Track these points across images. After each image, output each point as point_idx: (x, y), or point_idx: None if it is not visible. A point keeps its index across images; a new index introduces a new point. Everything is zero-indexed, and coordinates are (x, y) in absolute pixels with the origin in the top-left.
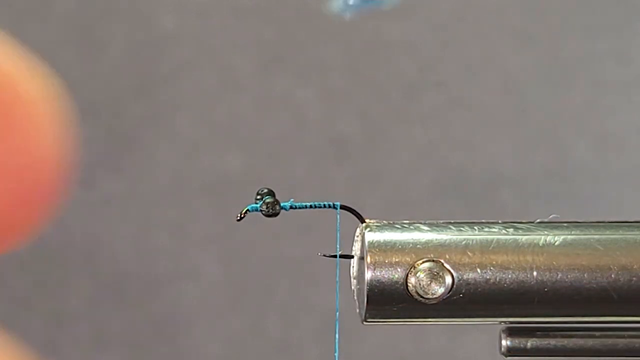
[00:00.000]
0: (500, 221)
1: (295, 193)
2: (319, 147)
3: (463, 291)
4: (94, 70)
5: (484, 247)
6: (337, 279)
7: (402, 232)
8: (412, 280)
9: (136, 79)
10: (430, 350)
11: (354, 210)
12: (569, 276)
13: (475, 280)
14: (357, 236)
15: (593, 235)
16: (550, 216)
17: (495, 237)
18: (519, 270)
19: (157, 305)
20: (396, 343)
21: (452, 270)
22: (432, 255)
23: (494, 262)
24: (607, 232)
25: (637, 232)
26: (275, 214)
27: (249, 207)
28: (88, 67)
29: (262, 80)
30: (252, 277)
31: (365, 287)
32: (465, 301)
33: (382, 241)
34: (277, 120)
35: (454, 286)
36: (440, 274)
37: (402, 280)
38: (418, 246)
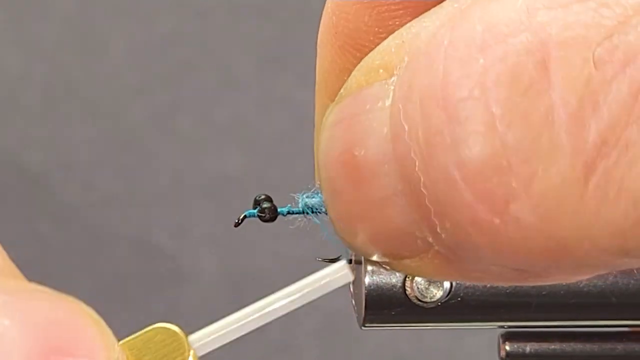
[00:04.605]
0: None
1: (295, 194)
2: None
3: (461, 295)
4: (94, 70)
5: None
6: None
7: None
8: (410, 284)
9: (136, 79)
10: (430, 350)
11: None
12: None
13: (473, 284)
14: None
15: None
16: None
17: None
18: None
19: (157, 305)
20: (396, 343)
21: None
22: None
23: None
24: None
25: None
26: (273, 219)
27: (246, 213)
28: (88, 67)
29: (262, 80)
30: (252, 278)
31: (364, 292)
32: (463, 305)
33: None
34: (277, 120)
35: (452, 290)
36: None
37: (400, 284)
38: None
